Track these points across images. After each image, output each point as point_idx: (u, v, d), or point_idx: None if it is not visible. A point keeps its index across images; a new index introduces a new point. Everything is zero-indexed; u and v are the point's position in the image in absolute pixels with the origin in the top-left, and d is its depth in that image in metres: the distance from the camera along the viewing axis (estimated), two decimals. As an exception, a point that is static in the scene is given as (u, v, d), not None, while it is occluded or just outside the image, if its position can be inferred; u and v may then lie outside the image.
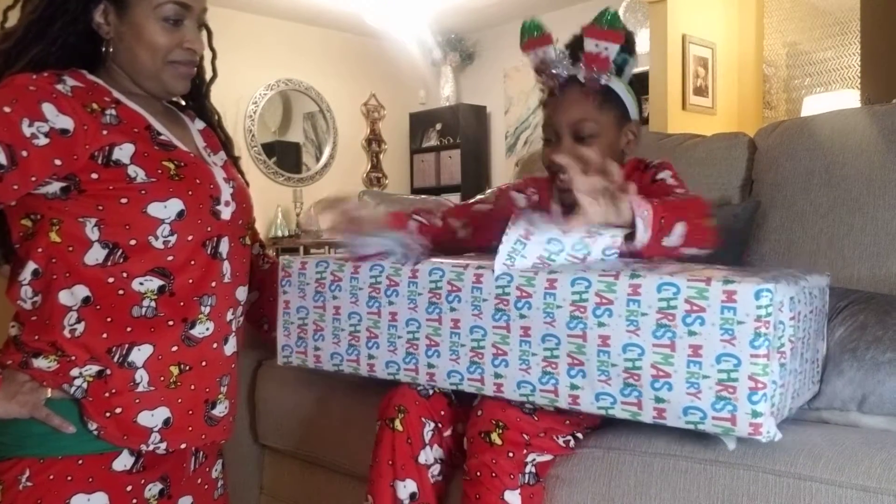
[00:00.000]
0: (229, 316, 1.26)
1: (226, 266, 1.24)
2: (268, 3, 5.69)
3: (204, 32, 1.29)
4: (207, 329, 1.22)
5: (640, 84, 1.46)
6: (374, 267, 1.23)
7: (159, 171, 1.15)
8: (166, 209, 1.15)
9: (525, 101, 5.98)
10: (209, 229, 1.21)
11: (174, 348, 1.18)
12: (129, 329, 1.15)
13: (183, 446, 1.22)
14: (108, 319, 1.15)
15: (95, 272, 1.14)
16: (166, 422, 1.18)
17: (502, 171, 6.14)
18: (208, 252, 1.21)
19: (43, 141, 1.07)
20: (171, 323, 1.18)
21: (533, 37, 1.31)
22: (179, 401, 1.19)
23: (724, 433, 0.95)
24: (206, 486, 1.31)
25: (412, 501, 1.17)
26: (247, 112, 5.92)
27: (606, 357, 1.00)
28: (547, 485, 1.14)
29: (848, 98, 4.03)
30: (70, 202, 1.13)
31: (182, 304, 1.18)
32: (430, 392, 1.20)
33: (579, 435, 1.17)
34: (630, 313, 0.99)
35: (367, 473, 1.20)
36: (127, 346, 1.15)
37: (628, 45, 1.34)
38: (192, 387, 1.21)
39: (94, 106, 1.14)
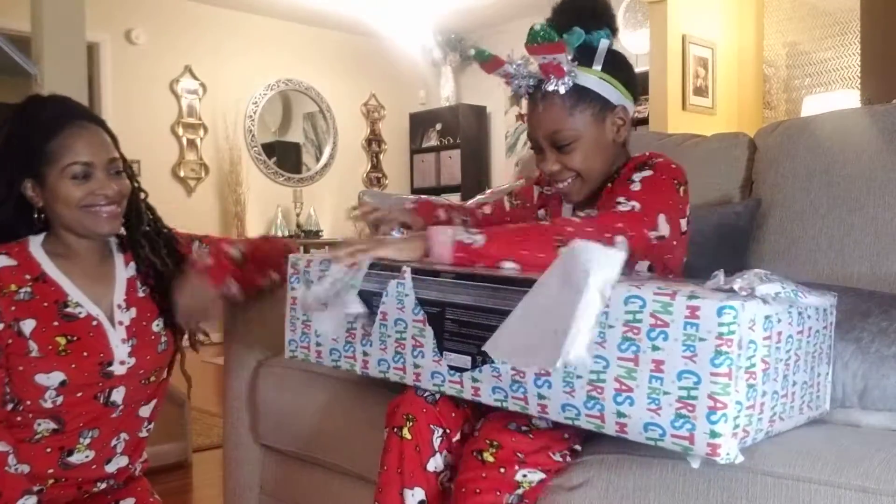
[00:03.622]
0: (114, 442, 1.44)
1: (119, 410, 1.42)
2: (268, 4, 5.69)
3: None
4: (86, 456, 1.40)
5: (641, 83, 1.44)
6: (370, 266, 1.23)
7: (49, 347, 1.33)
8: (49, 379, 1.33)
9: (525, 101, 5.98)
10: (100, 384, 1.38)
11: (50, 470, 1.37)
12: (14, 448, 1.32)
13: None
14: None
15: (6, 415, 1.34)
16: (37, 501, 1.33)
17: (502, 171, 6.14)
18: (101, 402, 1.39)
19: None
20: (48, 450, 1.36)
21: (486, 62, 1.31)
22: (51, 481, 1.38)
23: (684, 452, 0.93)
24: None
25: None
26: (247, 112, 5.92)
27: (573, 368, 0.99)
28: (545, 492, 1.13)
29: (848, 98, 4.03)
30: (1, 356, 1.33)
31: (65, 436, 1.37)
32: (437, 398, 1.19)
33: (577, 447, 1.15)
34: (598, 325, 0.97)
35: (376, 479, 1.19)
36: (8, 458, 1.31)
37: (597, 20, 1.28)
38: (62, 491, 1.40)
39: (13, 287, 1.34)
